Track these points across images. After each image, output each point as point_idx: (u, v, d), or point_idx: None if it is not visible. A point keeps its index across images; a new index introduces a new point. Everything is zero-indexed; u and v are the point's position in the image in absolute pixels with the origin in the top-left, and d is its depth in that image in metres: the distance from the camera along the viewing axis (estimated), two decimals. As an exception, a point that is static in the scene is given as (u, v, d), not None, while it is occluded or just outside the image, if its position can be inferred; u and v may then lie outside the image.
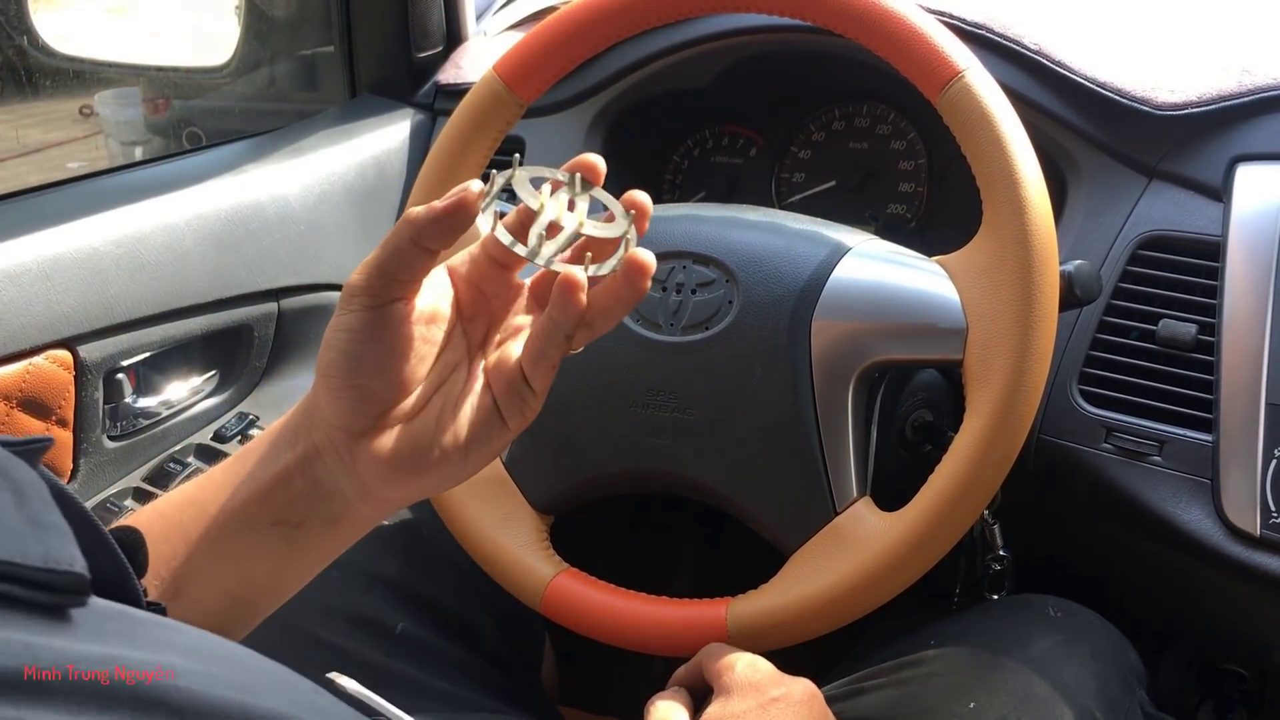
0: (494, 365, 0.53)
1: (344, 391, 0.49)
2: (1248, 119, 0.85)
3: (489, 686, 0.82)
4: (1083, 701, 0.69)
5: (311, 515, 0.52)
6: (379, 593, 0.82)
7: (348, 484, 0.51)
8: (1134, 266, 0.84)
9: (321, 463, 0.51)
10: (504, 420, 0.52)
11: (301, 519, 0.52)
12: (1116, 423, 0.81)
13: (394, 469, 0.50)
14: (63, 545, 0.26)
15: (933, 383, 0.83)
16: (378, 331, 0.49)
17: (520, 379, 0.51)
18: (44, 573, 0.25)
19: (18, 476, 0.28)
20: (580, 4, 0.79)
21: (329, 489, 0.52)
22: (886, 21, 0.71)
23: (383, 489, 0.51)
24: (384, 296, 0.48)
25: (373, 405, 0.50)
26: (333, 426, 0.50)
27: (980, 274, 0.69)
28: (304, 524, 0.52)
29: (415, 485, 0.52)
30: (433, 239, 0.48)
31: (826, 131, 1.09)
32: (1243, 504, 0.75)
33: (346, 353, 0.49)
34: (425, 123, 1.19)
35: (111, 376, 0.91)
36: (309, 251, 1.06)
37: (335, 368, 0.49)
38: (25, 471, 0.28)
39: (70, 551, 0.26)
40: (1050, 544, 0.97)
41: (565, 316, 0.50)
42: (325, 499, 0.52)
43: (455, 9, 1.24)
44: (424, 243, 0.47)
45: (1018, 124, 0.69)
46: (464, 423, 0.51)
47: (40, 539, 0.26)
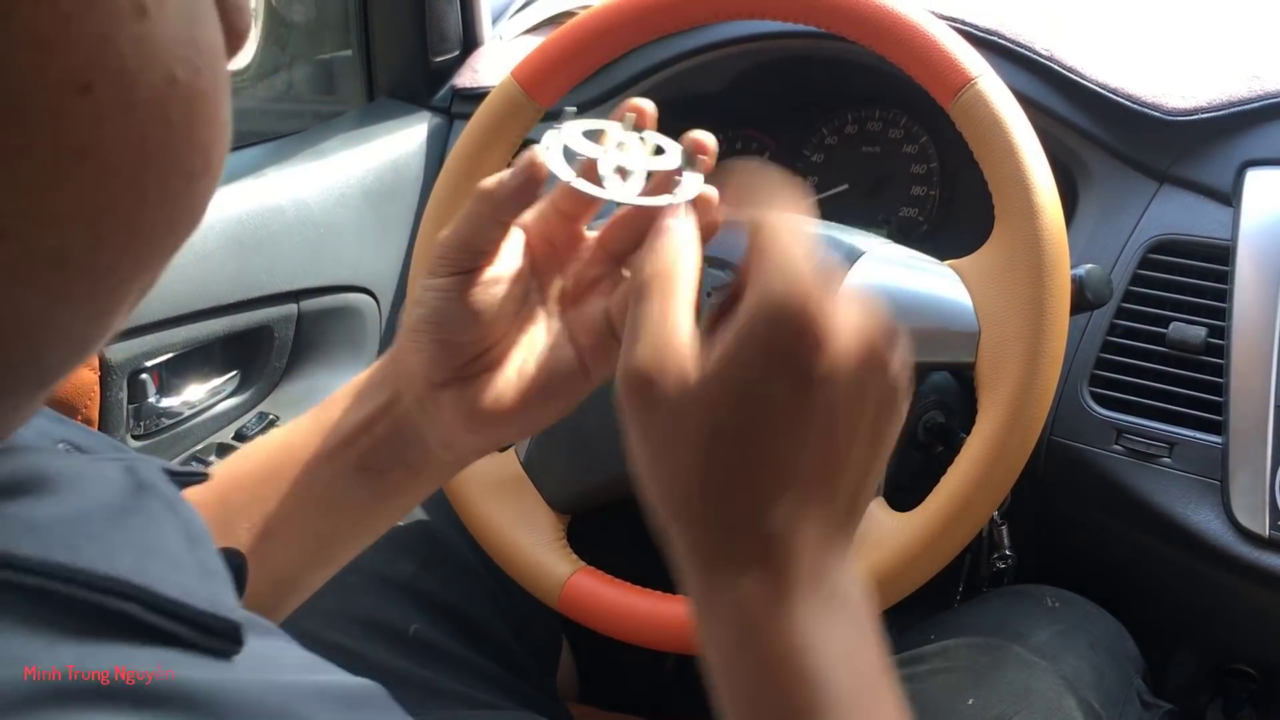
0: (577, 318, 0.54)
1: (429, 345, 0.51)
2: (1257, 124, 0.86)
3: (501, 687, 0.83)
4: (1081, 692, 0.70)
5: (395, 462, 0.54)
6: (392, 596, 0.83)
7: (431, 432, 0.53)
8: (1144, 270, 0.85)
9: (405, 412, 0.53)
10: (587, 371, 0.53)
11: (386, 466, 0.54)
12: (1127, 424, 0.82)
13: (476, 417, 0.52)
14: (225, 592, 0.27)
15: (944, 384, 0.84)
16: (462, 292, 0.50)
17: (607, 330, 0.53)
18: (209, 617, 0.26)
19: (186, 516, 0.28)
20: (597, 11, 0.81)
21: (412, 437, 0.54)
22: (900, 29, 0.72)
23: (464, 437, 0.53)
24: (468, 265, 0.51)
25: (455, 357, 0.52)
26: (417, 377, 0.52)
27: (992, 278, 0.69)
28: (388, 471, 0.54)
29: (496, 433, 0.54)
30: (509, 212, 0.50)
31: (839, 135, 1.10)
32: (1252, 505, 0.76)
33: (435, 309, 0.51)
34: (442, 126, 1.19)
35: (136, 377, 0.93)
36: (328, 253, 1.07)
37: (423, 323, 0.51)
38: (190, 510, 0.29)
39: (231, 600, 0.27)
40: (1059, 544, 0.98)
41: None
42: (408, 446, 0.54)
43: (471, 14, 1.24)
44: (501, 216, 0.50)
45: (1029, 130, 0.70)
46: (546, 373, 0.53)
47: (207, 583, 0.27)
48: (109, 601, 0.24)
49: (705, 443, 0.41)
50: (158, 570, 0.25)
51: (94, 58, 0.22)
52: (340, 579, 0.82)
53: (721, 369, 0.40)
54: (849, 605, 0.43)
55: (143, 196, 0.25)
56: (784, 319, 0.39)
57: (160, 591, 0.25)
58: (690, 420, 0.41)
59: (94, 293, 0.26)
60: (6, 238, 0.23)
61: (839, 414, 0.41)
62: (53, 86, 0.22)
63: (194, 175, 0.26)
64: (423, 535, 0.88)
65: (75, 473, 0.26)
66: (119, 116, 0.23)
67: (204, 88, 0.25)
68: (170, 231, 0.27)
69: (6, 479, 0.25)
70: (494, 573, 0.85)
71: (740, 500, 0.41)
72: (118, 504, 0.27)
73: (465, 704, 0.79)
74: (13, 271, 0.23)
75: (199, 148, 0.26)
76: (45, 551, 0.24)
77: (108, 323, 0.27)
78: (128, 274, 0.26)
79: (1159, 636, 0.89)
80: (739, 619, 0.41)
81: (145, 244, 0.26)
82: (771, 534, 0.41)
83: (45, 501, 0.25)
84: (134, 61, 0.23)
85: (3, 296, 0.23)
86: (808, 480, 0.41)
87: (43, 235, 0.23)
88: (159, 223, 0.26)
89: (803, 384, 0.40)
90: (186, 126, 0.25)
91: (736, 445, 0.40)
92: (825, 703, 0.39)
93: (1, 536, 0.23)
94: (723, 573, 0.41)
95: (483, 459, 0.81)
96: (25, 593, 0.23)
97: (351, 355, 1.10)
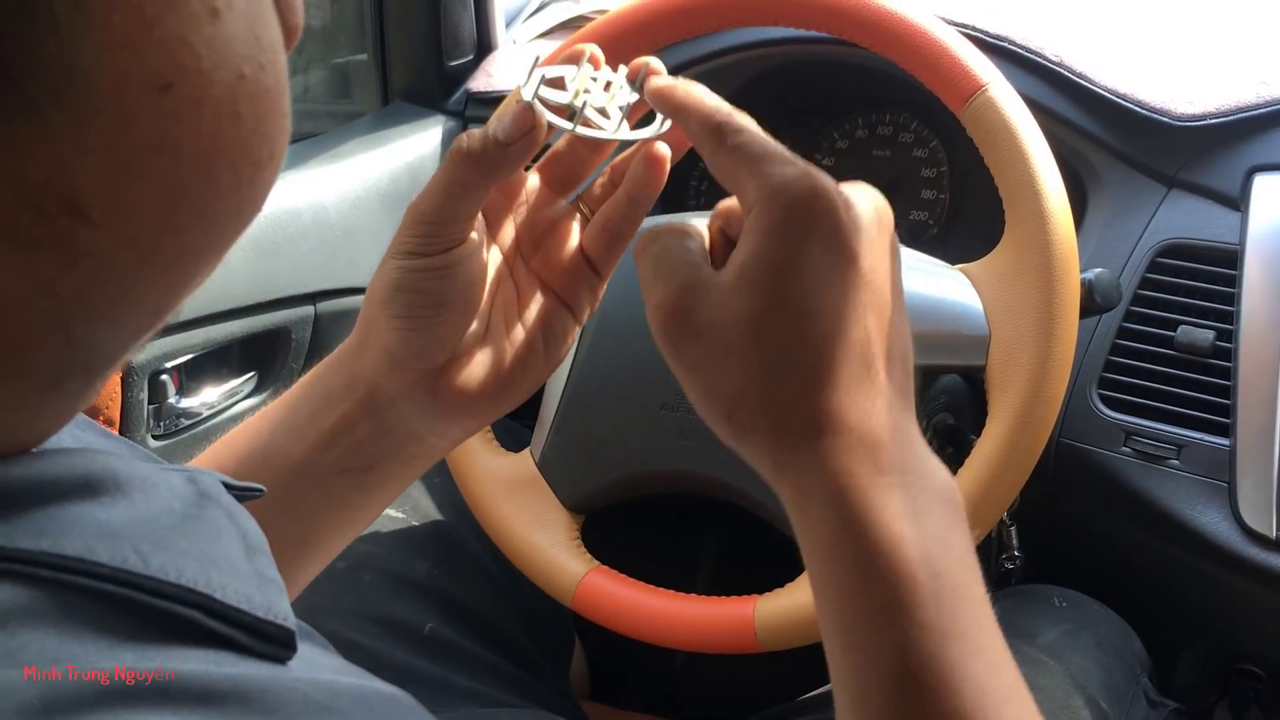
0: (545, 263, 0.53)
1: (421, 332, 0.48)
2: (1265, 130, 0.86)
3: (515, 685, 0.84)
4: (1088, 691, 0.70)
5: (382, 458, 0.52)
6: (408, 595, 0.84)
7: (423, 422, 0.51)
8: (1153, 274, 0.85)
9: (392, 406, 0.50)
10: (573, 313, 0.53)
11: (370, 463, 0.52)
12: (1135, 427, 0.83)
13: (479, 394, 0.50)
14: (281, 600, 0.28)
15: (954, 387, 0.85)
16: (451, 268, 0.48)
17: (586, 269, 0.52)
18: (266, 623, 0.27)
19: (245, 526, 0.30)
20: (612, 17, 0.81)
21: (402, 432, 0.51)
22: (911, 36, 0.73)
23: (467, 417, 0.51)
24: (456, 238, 0.48)
25: (451, 338, 0.49)
26: (406, 369, 0.49)
27: (1003, 282, 0.70)
28: (374, 467, 0.52)
29: (502, 401, 0.52)
30: (504, 174, 0.47)
31: (850, 140, 1.11)
32: (1259, 507, 0.76)
33: (426, 292, 0.48)
34: (457, 130, 1.20)
35: (156, 377, 0.94)
36: (344, 256, 1.08)
37: (412, 308, 0.48)
38: (248, 520, 0.30)
39: (286, 607, 0.28)
40: (1068, 545, 0.98)
41: (652, 186, 0.51)
42: (398, 441, 0.51)
43: (486, 18, 1.25)
44: (493, 180, 0.47)
45: (1039, 136, 0.71)
46: (532, 328, 0.51)
47: (264, 590, 0.28)
48: (175, 608, 0.25)
49: (753, 332, 0.40)
50: (219, 578, 0.27)
51: (173, 58, 0.24)
52: (357, 578, 0.84)
53: (755, 254, 0.40)
54: (937, 486, 0.41)
55: (214, 185, 0.26)
56: (802, 188, 0.40)
57: (222, 598, 0.26)
58: (730, 314, 0.40)
59: (166, 274, 0.27)
60: (95, 225, 0.24)
61: (880, 270, 0.41)
62: (137, 86, 0.24)
63: (260, 164, 0.28)
64: (438, 535, 0.89)
65: (143, 478, 0.28)
66: (193, 112, 0.25)
67: (268, 83, 0.27)
68: (238, 216, 0.28)
69: (81, 476, 0.26)
70: (508, 572, 0.86)
71: (808, 375, 0.40)
72: (181, 511, 0.28)
73: (479, 701, 0.79)
74: (99, 255, 0.25)
75: (264, 138, 0.27)
76: (118, 557, 0.25)
77: (172, 304, 0.29)
78: (197, 258, 0.28)
79: (1166, 637, 0.90)
80: (835, 493, 0.39)
81: (215, 228, 0.28)
82: (844, 403, 0.40)
83: (118, 505, 0.26)
84: (208, 61, 0.25)
85: (89, 278, 0.25)
86: (866, 340, 0.40)
87: (124, 222, 0.25)
88: (229, 209, 0.28)
89: (841, 243, 0.40)
90: (254, 119, 0.27)
91: (785, 322, 0.40)
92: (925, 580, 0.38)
93: (77, 539, 0.25)
94: (808, 453, 0.40)
95: (498, 460, 0.82)
96: (95, 596, 0.24)
97: (367, 356, 1.11)
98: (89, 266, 0.25)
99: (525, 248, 0.53)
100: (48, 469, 0.26)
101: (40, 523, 0.25)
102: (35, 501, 0.25)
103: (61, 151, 0.23)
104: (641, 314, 0.44)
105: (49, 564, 0.24)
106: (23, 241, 0.23)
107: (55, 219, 0.23)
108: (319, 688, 0.27)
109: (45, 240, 0.24)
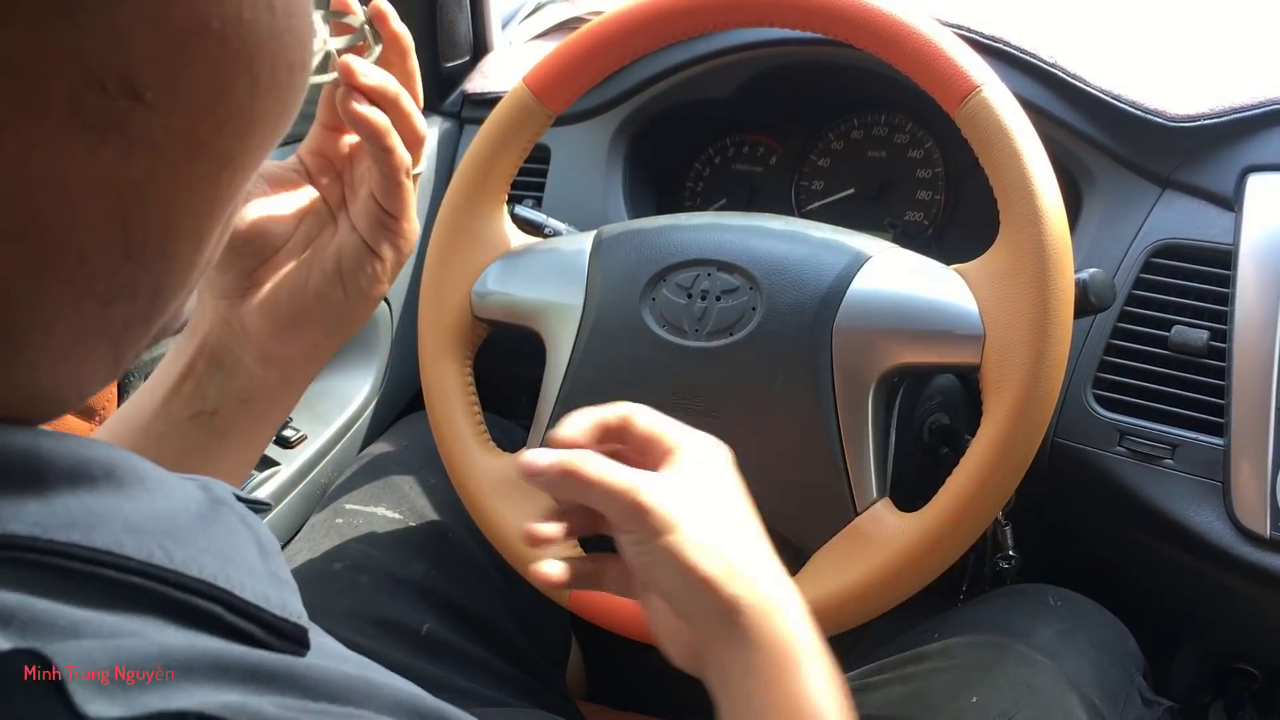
0: (353, 209, 0.58)
1: (224, 267, 0.55)
2: (1259, 130, 0.87)
3: (511, 685, 0.84)
4: (1083, 690, 0.70)
5: (222, 397, 0.57)
6: (405, 596, 0.84)
7: (243, 349, 0.57)
8: (1147, 274, 0.86)
9: (216, 339, 0.56)
10: (372, 249, 0.57)
11: (215, 405, 0.57)
12: (1130, 426, 0.83)
13: (277, 318, 0.56)
14: (294, 600, 0.30)
15: (949, 386, 0.85)
16: None
17: (378, 209, 0.56)
18: (282, 620, 0.28)
19: (257, 530, 0.31)
20: (608, 18, 0.82)
21: (229, 363, 0.57)
22: (906, 37, 0.73)
23: (274, 344, 0.57)
24: None
25: (248, 264, 0.56)
26: (217, 300, 0.56)
27: (997, 282, 0.70)
28: (219, 409, 0.57)
29: (305, 334, 0.57)
30: None
31: (845, 140, 1.11)
32: (1253, 506, 0.76)
33: None
34: (453, 131, 1.21)
35: (152, 378, 0.94)
36: (340, 257, 1.08)
37: None
38: (260, 525, 0.31)
39: (299, 607, 0.29)
40: (1062, 544, 0.99)
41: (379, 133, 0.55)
42: (229, 375, 0.57)
43: (481, 20, 1.26)
44: None
45: (1034, 137, 0.71)
46: (332, 260, 0.57)
47: (279, 590, 0.29)
48: (198, 602, 0.26)
49: None
50: (237, 576, 0.28)
51: None
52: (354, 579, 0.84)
53: None
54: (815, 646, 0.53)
55: (255, 81, 0.28)
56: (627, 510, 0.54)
57: (241, 595, 0.27)
58: None
59: (209, 188, 0.29)
60: (150, 107, 0.26)
61: None
62: None
63: (294, 67, 0.29)
64: (435, 536, 0.89)
65: (161, 477, 0.29)
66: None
67: None
68: (276, 121, 0.30)
69: (106, 463, 0.27)
70: (505, 573, 0.86)
71: None
72: (198, 512, 0.29)
73: (476, 702, 0.80)
74: (153, 146, 0.26)
75: (297, 39, 0.29)
76: (144, 551, 0.26)
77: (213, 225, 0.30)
78: (236, 174, 0.30)
79: (1161, 636, 0.90)
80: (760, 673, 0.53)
81: (256, 132, 0.29)
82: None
83: (141, 499, 0.27)
84: None
85: (144, 172, 0.27)
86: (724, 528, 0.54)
87: (175, 105, 0.26)
88: (266, 111, 0.29)
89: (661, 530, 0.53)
90: (286, 14, 0.28)
91: None
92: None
93: (106, 533, 0.26)
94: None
95: (494, 460, 0.82)
96: (125, 587, 0.26)
97: (363, 359, 1.11)
98: (144, 160, 0.26)
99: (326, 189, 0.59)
100: (75, 449, 0.27)
101: (73, 511, 0.26)
102: (66, 484, 0.26)
103: (116, 26, 0.24)
104: (638, 314, 0.44)
105: (81, 557, 0.25)
106: (89, 122, 0.25)
107: (115, 99, 0.25)
108: (344, 676, 0.28)
109: (108, 123, 0.25)
